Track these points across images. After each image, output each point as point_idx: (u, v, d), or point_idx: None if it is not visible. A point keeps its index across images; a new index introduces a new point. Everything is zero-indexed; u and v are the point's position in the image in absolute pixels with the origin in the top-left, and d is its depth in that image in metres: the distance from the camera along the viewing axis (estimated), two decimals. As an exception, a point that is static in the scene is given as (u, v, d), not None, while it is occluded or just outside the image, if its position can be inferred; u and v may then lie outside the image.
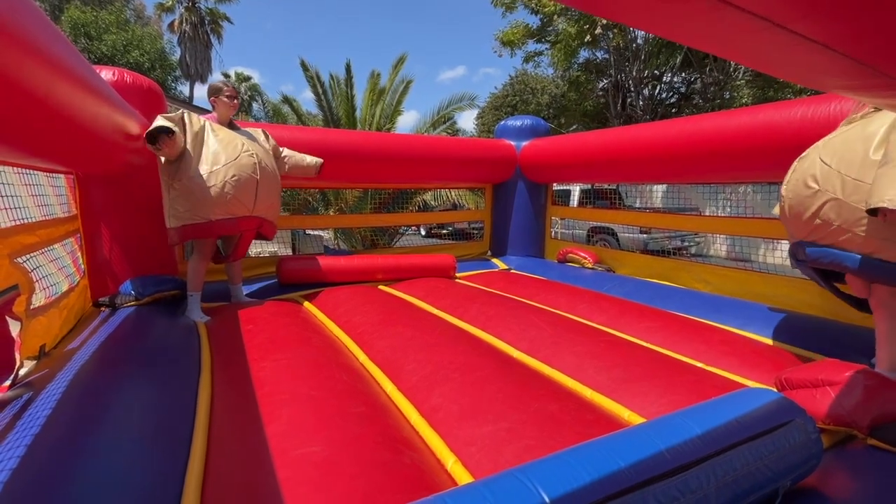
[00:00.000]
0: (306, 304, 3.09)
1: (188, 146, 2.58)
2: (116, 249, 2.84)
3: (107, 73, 2.68)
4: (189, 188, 2.57)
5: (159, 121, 2.44)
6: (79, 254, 2.73)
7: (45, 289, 2.10)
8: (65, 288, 2.34)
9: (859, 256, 1.64)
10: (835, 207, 1.66)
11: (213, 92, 2.83)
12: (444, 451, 1.37)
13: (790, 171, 1.92)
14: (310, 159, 3.25)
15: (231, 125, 2.89)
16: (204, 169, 2.58)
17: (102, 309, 2.60)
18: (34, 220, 2.09)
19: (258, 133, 3.02)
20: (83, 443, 1.15)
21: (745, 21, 0.53)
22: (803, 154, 1.89)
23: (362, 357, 2.15)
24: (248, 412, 1.51)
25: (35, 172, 2.21)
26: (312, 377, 1.75)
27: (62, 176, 2.58)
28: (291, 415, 1.45)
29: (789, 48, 0.59)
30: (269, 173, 2.83)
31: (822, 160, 1.74)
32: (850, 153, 1.65)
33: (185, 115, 2.67)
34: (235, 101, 2.86)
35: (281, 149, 3.15)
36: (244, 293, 3.22)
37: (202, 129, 2.68)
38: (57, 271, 2.30)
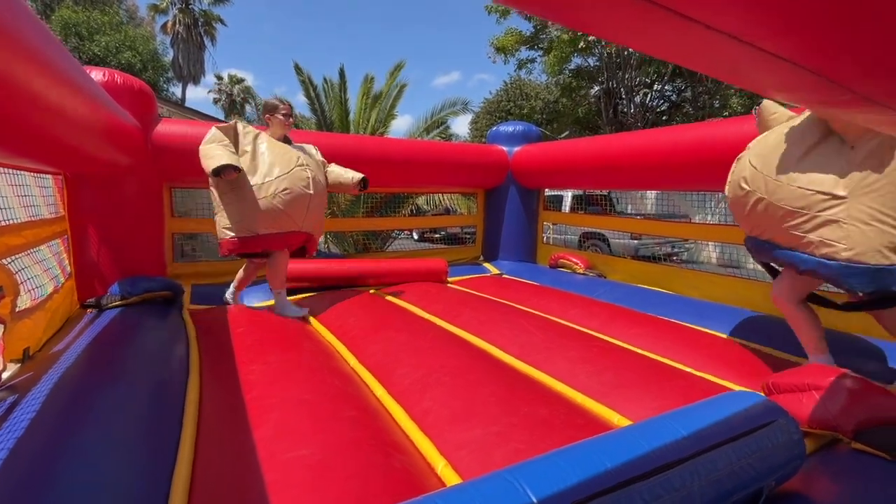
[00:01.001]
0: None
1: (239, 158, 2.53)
2: (104, 250, 2.81)
3: (97, 74, 2.67)
4: (239, 200, 2.51)
5: (224, 157, 2.39)
6: (64, 255, 2.69)
7: (29, 291, 2.07)
8: (50, 290, 2.31)
9: (787, 251, 1.77)
10: (763, 206, 1.80)
11: (269, 110, 2.74)
12: (434, 455, 1.37)
13: (730, 172, 2.04)
14: (350, 174, 2.99)
15: (286, 140, 2.80)
16: (256, 180, 2.51)
17: (89, 311, 2.57)
18: (20, 220, 2.07)
19: (311, 148, 2.94)
20: (67, 446, 1.14)
21: (714, 37, 0.54)
22: (739, 155, 2.02)
23: (353, 361, 2.15)
24: (237, 415, 1.50)
25: (21, 173, 2.18)
26: (303, 381, 1.74)
27: (49, 177, 2.55)
28: (281, 418, 1.44)
29: (758, 64, 0.61)
30: (321, 188, 2.77)
31: (750, 162, 1.88)
32: (772, 155, 1.80)
33: (239, 126, 2.63)
34: (291, 119, 2.77)
35: (326, 163, 3.04)
36: (287, 301, 2.88)
37: (255, 139, 2.61)
38: (42, 273, 2.27)
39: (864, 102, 0.70)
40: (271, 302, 2.99)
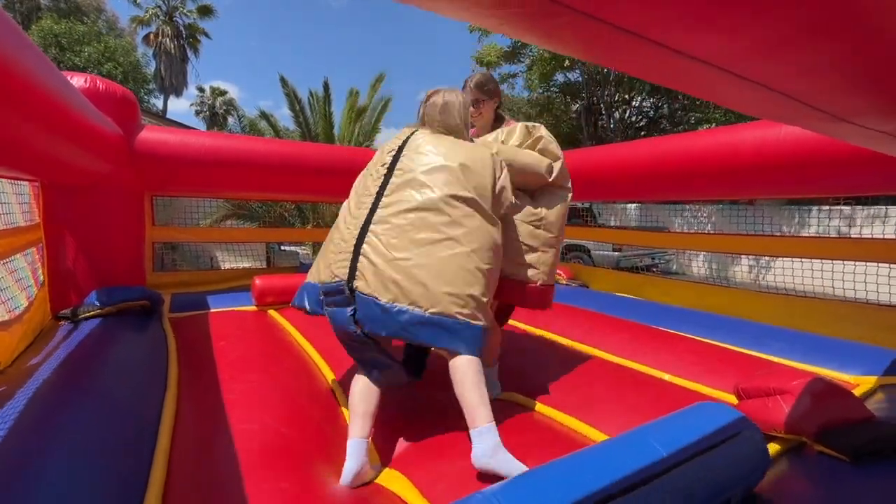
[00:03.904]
0: (279, 317, 3.03)
1: None
2: (81, 259, 2.74)
3: (78, 80, 2.64)
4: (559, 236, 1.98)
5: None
6: (38, 265, 2.62)
7: (3, 302, 2.01)
8: (24, 302, 2.25)
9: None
10: None
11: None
12: (408, 489, 1.34)
13: None
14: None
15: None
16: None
17: (62, 323, 2.49)
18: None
19: None
20: (35, 466, 1.09)
21: (687, 63, 0.57)
22: None
23: (331, 378, 2.11)
24: (214, 434, 1.47)
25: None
26: (283, 408, 1.68)
27: (26, 182, 2.50)
28: (261, 447, 1.41)
29: (730, 84, 0.64)
30: None
31: None
32: None
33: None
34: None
35: None
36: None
37: None
38: (14, 284, 2.21)
39: (835, 121, 0.74)
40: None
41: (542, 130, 1.94)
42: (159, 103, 25.38)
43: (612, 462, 0.97)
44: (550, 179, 1.89)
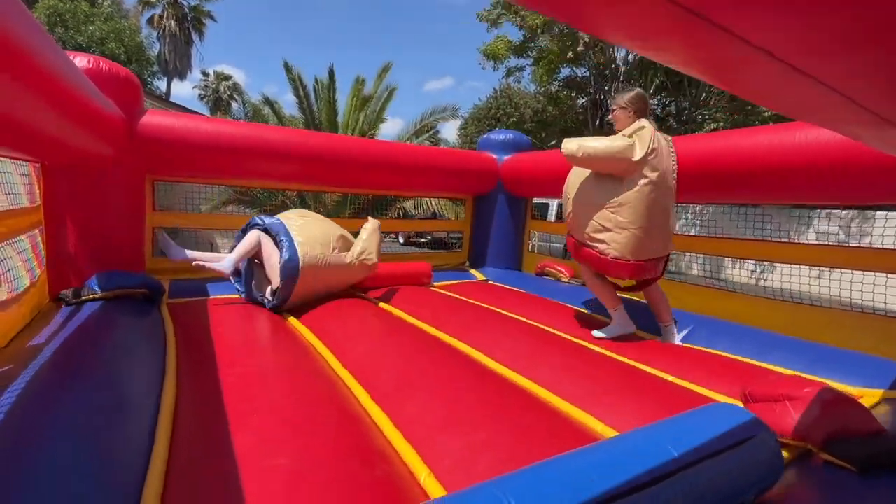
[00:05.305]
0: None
1: None
2: (81, 242, 2.72)
3: (81, 60, 2.59)
4: None
5: None
6: (41, 247, 2.60)
7: (7, 283, 1.99)
8: (27, 283, 2.22)
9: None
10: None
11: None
12: (417, 464, 1.34)
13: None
14: None
15: None
16: None
17: (62, 304, 2.47)
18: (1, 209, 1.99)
19: None
20: (35, 447, 1.08)
21: (748, 52, 0.53)
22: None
23: (335, 364, 2.11)
24: (213, 420, 1.45)
25: (2, 160, 2.10)
26: (283, 385, 1.70)
27: (28, 164, 2.46)
28: (260, 425, 1.40)
29: (782, 81, 0.60)
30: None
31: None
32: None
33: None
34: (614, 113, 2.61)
35: None
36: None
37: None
38: (21, 264, 2.19)
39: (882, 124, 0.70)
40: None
41: (644, 122, 2.37)
42: (163, 86, 25.22)
43: (621, 460, 0.95)
44: (635, 159, 2.25)
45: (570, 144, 2.34)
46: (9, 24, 1.21)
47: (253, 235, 2.88)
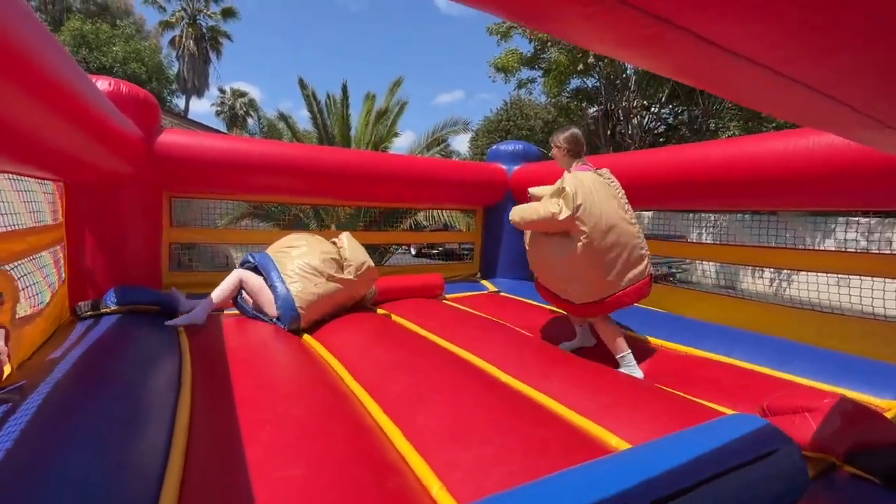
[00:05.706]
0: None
1: None
2: (100, 258, 2.79)
3: (102, 83, 2.69)
4: None
5: None
6: (62, 263, 2.68)
7: (30, 298, 2.06)
8: (48, 298, 2.29)
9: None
10: None
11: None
12: (428, 476, 1.34)
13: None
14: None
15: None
16: None
17: (81, 318, 2.54)
18: (24, 226, 2.06)
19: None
20: (53, 456, 1.11)
21: (728, 58, 0.53)
22: None
23: (347, 377, 2.12)
24: (227, 432, 1.47)
25: (27, 178, 2.19)
26: (296, 397, 1.71)
27: (51, 183, 2.55)
28: (272, 436, 1.41)
29: (778, 89, 0.60)
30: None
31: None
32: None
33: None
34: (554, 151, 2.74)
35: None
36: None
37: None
38: (42, 280, 2.26)
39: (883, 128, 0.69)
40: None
41: (568, 177, 2.35)
42: (181, 103, 25.90)
43: (639, 473, 0.92)
44: (561, 218, 2.28)
45: (514, 216, 2.53)
46: (43, 56, 1.28)
47: (233, 277, 2.92)
